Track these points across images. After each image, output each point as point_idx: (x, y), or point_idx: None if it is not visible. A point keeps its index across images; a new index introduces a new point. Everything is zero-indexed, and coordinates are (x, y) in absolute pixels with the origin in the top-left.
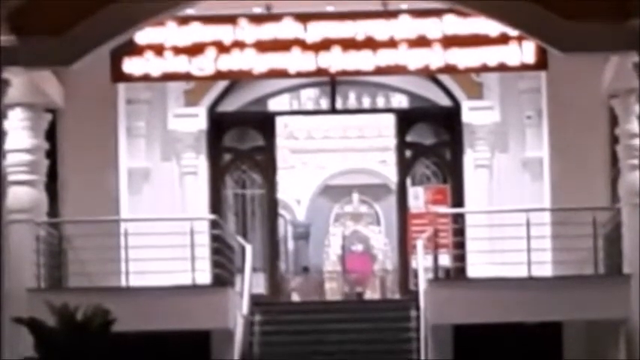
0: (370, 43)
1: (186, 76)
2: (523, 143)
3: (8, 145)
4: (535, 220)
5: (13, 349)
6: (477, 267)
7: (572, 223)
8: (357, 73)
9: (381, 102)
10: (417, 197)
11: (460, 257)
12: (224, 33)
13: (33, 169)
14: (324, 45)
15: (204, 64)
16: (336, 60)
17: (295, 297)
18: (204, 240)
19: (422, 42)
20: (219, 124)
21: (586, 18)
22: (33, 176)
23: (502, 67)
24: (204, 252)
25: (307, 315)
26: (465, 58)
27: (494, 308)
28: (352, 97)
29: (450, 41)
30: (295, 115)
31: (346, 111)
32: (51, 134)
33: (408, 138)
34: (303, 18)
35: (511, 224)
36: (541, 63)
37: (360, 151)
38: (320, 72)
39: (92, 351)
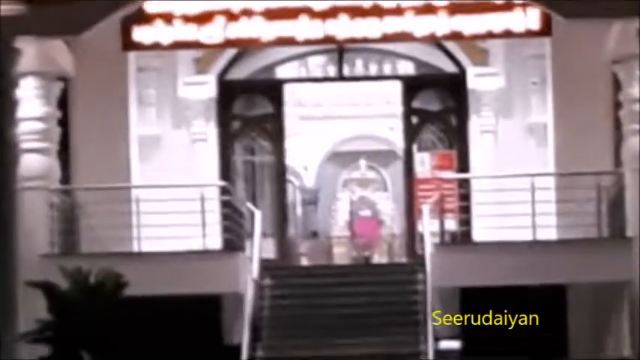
0: (377, 11)
1: (196, 45)
2: (528, 109)
3: (21, 113)
4: (540, 184)
5: (26, 312)
6: (482, 231)
7: (577, 187)
8: (364, 40)
9: (387, 69)
10: (424, 163)
11: (466, 221)
12: (233, 1)
13: (45, 137)
14: (332, 13)
15: (213, 33)
16: (343, 27)
17: (304, 261)
18: (214, 206)
19: (428, 9)
20: (228, 92)
21: None
22: (45, 144)
23: (507, 34)
24: (214, 218)
25: (316, 279)
26: (470, 25)
27: (499, 271)
28: (359, 64)
29: (456, 8)
30: (303, 82)
31: (353, 78)
32: (63, 102)
33: (415, 104)
34: None
35: (516, 189)
36: (545, 29)
37: (367, 117)
38: (327, 40)
39: (105, 314)
